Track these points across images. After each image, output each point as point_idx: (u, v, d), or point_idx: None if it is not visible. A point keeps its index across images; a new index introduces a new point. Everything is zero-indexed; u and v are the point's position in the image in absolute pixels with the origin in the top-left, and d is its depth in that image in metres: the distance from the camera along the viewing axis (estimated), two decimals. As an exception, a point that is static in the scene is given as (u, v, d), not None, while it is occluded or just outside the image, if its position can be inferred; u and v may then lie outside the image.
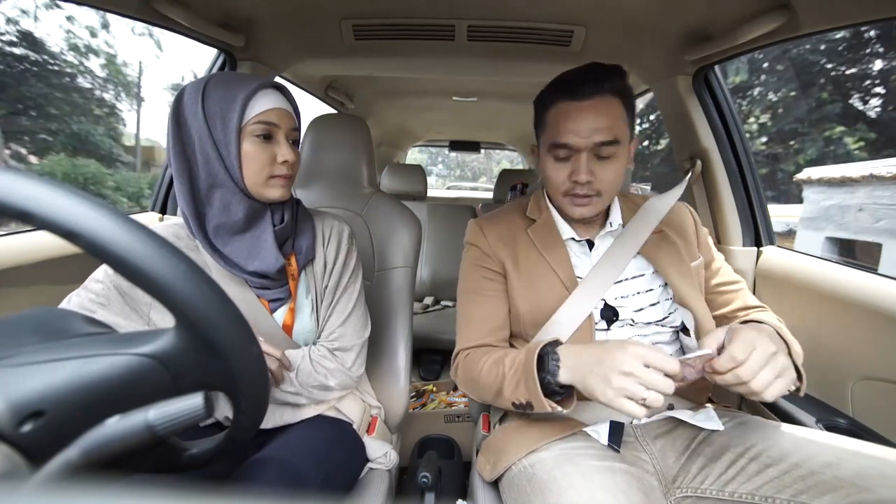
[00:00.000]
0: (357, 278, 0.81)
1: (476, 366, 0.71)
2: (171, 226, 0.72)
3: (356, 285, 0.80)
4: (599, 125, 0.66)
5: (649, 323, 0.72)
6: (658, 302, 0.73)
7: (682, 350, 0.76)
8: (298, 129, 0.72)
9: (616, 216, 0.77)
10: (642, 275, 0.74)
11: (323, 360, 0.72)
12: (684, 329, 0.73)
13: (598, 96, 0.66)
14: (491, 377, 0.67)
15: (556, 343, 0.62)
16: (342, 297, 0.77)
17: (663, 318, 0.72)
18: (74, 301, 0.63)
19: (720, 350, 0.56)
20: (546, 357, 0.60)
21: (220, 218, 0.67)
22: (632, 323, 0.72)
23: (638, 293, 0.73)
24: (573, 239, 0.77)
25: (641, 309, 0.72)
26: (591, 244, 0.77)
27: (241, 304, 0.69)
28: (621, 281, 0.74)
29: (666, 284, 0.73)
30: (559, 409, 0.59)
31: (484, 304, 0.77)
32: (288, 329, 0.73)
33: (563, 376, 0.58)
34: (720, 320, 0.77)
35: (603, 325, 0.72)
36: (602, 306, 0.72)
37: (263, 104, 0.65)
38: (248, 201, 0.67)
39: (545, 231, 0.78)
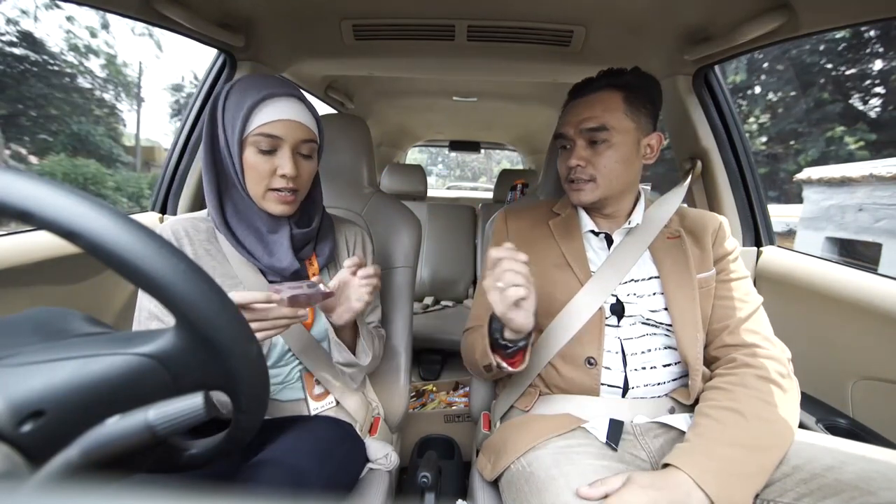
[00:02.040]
0: None
1: (466, 341, 0.82)
2: (190, 218, 0.73)
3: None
4: (589, 114, 0.72)
5: (661, 324, 0.71)
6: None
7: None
8: (314, 140, 0.68)
9: (637, 215, 0.77)
10: (658, 276, 0.74)
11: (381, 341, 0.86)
12: None
13: (593, 93, 0.74)
14: (472, 347, 0.76)
15: None
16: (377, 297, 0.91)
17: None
18: (145, 306, 0.67)
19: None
20: (492, 320, 0.66)
21: (240, 217, 0.69)
22: (644, 321, 0.72)
23: (654, 294, 0.73)
24: (592, 232, 0.78)
25: (656, 311, 0.72)
26: (610, 240, 0.77)
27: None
28: (638, 280, 0.74)
29: None
30: (505, 365, 0.66)
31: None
32: (307, 327, 0.75)
33: (507, 333, 0.64)
34: (712, 335, 0.71)
35: (613, 320, 0.72)
36: (613, 301, 0.73)
37: (268, 115, 0.62)
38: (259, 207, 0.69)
39: (566, 224, 0.81)
